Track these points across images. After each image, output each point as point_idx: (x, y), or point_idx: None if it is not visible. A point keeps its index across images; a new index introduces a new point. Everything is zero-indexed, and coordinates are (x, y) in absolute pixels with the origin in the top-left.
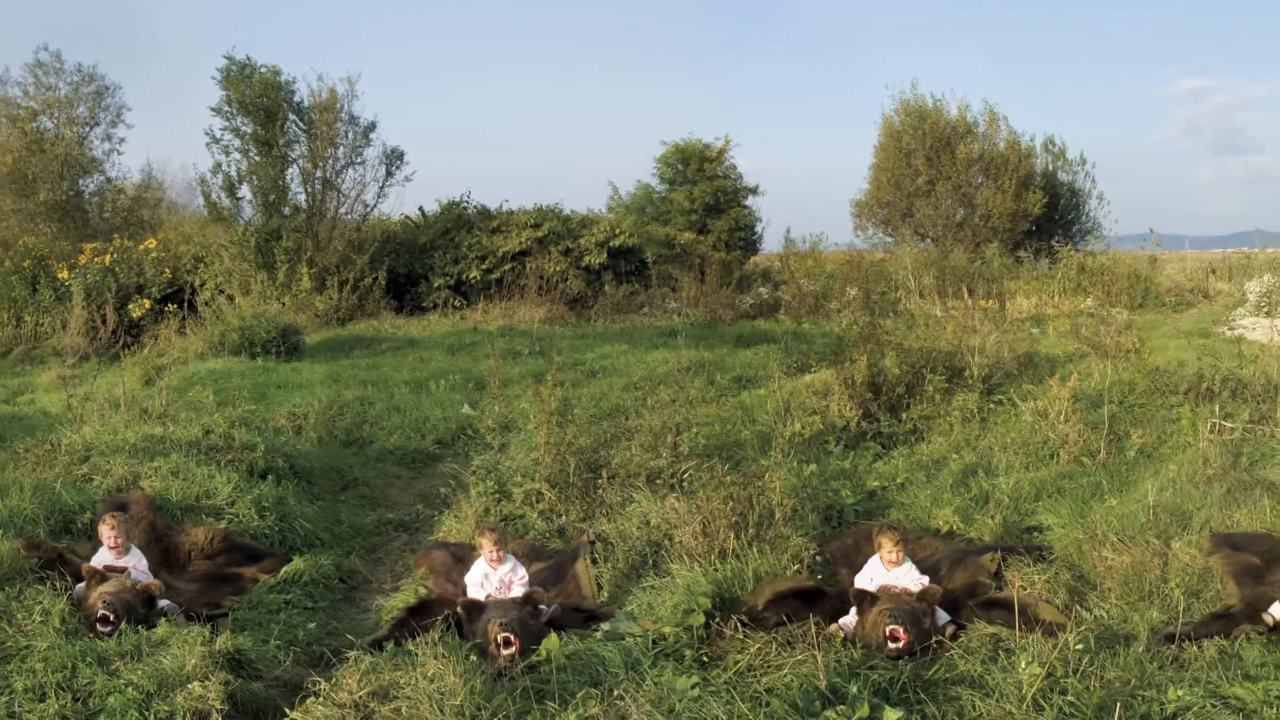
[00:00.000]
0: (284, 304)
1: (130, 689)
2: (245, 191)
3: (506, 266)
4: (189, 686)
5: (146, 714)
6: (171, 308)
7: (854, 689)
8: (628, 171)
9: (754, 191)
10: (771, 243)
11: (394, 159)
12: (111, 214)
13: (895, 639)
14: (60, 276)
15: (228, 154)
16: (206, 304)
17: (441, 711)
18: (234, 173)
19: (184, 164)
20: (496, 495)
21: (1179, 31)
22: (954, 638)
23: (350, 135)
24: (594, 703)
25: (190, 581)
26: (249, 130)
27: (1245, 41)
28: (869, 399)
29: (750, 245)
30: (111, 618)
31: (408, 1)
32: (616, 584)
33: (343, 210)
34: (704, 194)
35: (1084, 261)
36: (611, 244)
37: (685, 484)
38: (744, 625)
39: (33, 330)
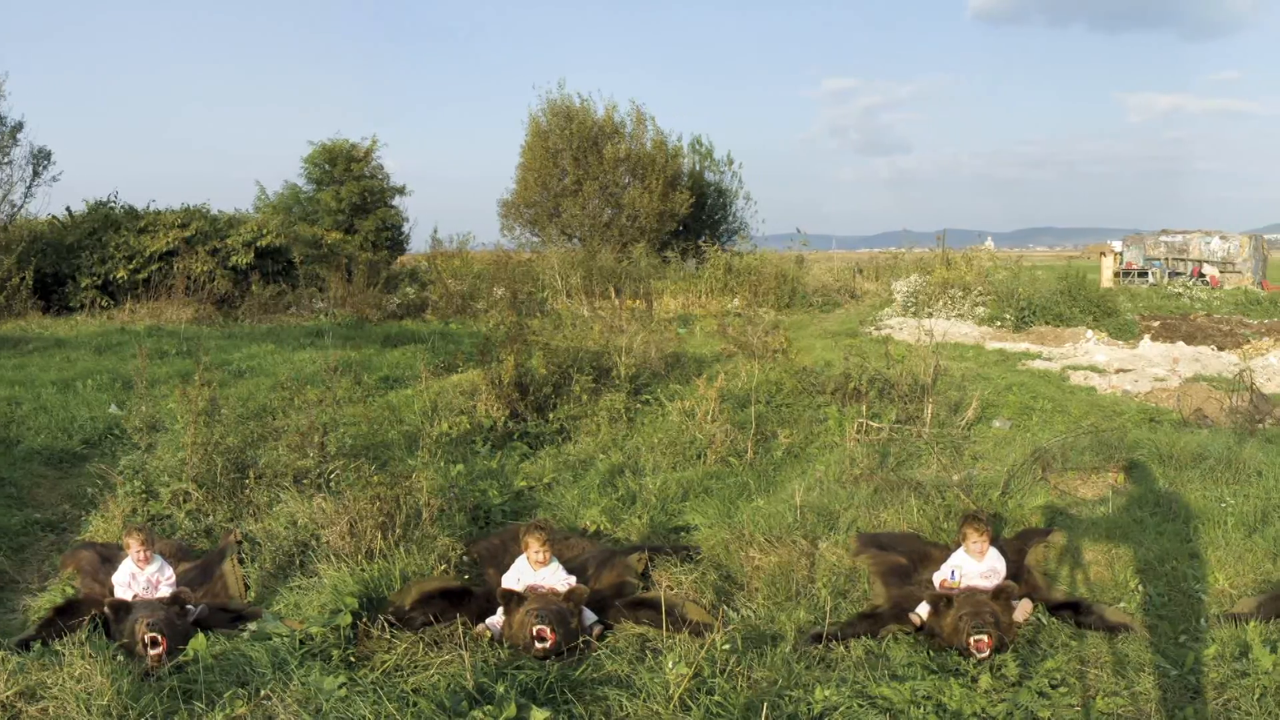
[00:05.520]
0: None
1: None
2: None
3: (154, 266)
4: None
5: None
6: None
7: (501, 689)
8: (276, 171)
9: (401, 191)
10: (419, 243)
11: (41, 159)
12: None
13: (542, 639)
14: None
15: None
16: None
17: (89, 711)
18: None
19: None
20: (144, 495)
21: (823, 32)
22: (601, 638)
23: None
24: (241, 703)
25: None
26: None
27: (889, 43)
28: (516, 399)
29: (398, 245)
30: None
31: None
32: (264, 584)
33: None
34: (351, 194)
35: (731, 261)
36: (259, 244)
37: (332, 484)
38: (391, 625)
39: None
